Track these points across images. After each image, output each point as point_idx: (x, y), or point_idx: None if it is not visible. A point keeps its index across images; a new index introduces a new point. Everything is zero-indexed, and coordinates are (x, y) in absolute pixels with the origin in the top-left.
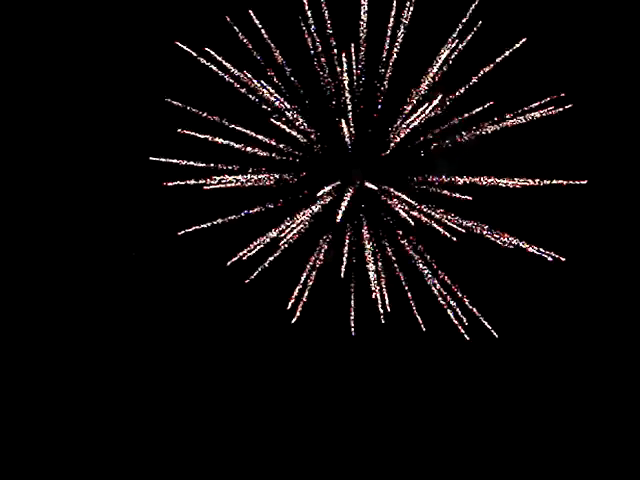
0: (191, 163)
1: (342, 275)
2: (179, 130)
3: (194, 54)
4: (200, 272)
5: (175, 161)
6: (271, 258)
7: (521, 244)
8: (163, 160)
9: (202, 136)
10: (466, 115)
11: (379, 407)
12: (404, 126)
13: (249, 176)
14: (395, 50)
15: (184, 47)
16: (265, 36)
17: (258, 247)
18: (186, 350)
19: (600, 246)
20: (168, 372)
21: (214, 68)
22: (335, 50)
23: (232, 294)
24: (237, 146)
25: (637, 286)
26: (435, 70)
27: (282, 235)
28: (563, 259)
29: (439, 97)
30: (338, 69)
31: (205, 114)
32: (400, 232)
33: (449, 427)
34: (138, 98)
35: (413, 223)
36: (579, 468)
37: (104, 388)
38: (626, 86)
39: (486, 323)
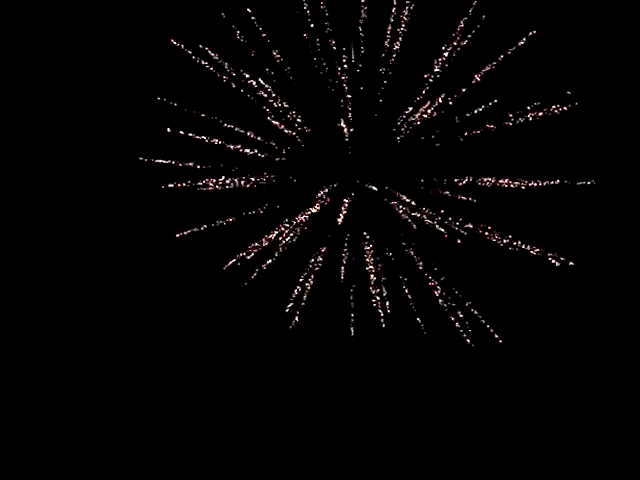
0: (189, 164)
1: (342, 278)
2: (168, 129)
3: (189, 52)
4: (196, 275)
5: (172, 162)
6: (269, 261)
7: (524, 246)
8: (159, 161)
9: (198, 137)
10: (468, 115)
11: (379, 412)
12: (405, 126)
13: (246, 177)
14: (396, 48)
15: (179, 45)
16: (263, 34)
17: (256, 250)
18: (182, 355)
19: (609, 250)
20: (164, 377)
21: (210, 67)
22: (335, 49)
23: (229, 297)
24: (234, 147)
25: None
26: (437, 69)
27: (280, 237)
28: (571, 263)
29: (441, 96)
30: (338, 68)
31: (201, 114)
32: (401, 234)
33: (451, 433)
34: (132, 97)
35: (415, 225)
36: (582, 476)
37: (98, 394)
38: (634, 82)
39: (490, 328)
